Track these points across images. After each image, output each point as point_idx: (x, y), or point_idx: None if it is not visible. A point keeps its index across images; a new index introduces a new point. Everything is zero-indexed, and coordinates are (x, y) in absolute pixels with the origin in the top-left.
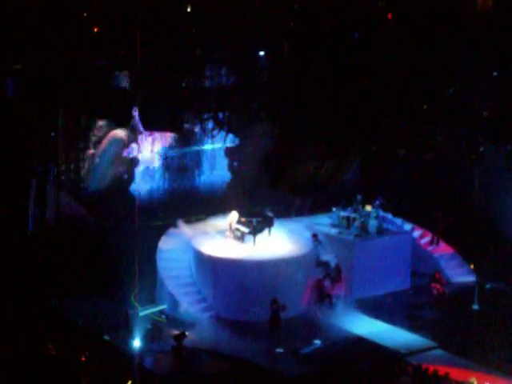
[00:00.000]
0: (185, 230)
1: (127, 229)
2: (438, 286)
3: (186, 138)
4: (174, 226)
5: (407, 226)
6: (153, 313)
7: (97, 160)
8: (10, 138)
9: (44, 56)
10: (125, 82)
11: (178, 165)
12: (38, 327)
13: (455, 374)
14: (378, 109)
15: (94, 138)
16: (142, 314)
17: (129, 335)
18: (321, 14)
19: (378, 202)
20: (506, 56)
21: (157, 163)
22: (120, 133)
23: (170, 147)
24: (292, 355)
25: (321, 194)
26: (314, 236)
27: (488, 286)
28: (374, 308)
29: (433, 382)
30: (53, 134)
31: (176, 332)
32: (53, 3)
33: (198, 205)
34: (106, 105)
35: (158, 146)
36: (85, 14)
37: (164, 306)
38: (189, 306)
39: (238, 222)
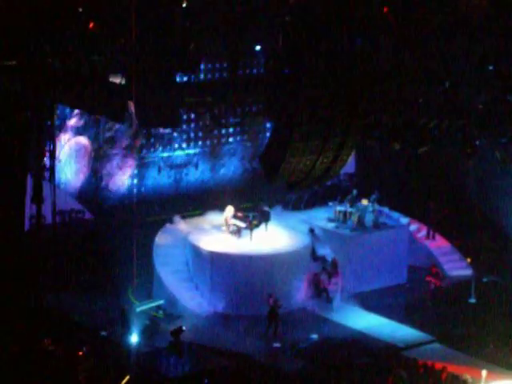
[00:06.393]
0: (181, 225)
1: (124, 224)
2: (434, 280)
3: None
4: (171, 221)
5: (404, 220)
6: (150, 308)
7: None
8: (3, 134)
9: (39, 51)
10: (120, 77)
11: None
12: (34, 323)
13: (452, 368)
14: (374, 102)
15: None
16: (139, 309)
17: (126, 331)
18: (316, 8)
19: (374, 196)
20: (502, 49)
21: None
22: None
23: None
24: (289, 350)
25: (317, 188)
26: (311, 230)
27: (485, 280)
28: (371, 302)
29: (429, 376)
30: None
31: (173, 327)
32: None
33: (194, 200)
34: (100, 100)
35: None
36: (80, 10)
37: (161, 302)
38: (186, 301)
39: (235, 216)
